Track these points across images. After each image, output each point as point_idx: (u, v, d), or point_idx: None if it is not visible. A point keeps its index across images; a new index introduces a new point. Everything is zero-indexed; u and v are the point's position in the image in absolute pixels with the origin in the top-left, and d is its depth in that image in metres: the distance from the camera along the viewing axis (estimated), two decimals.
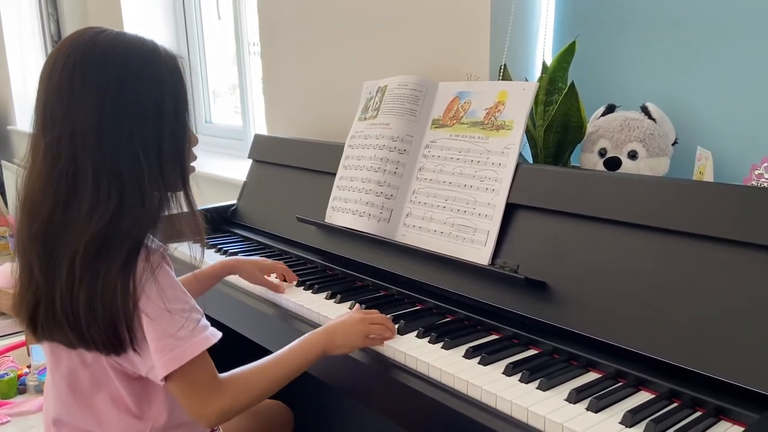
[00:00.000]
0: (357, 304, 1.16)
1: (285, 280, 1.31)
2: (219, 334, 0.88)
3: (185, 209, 0.90)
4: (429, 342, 1.01)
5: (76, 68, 0.80)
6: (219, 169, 2.30)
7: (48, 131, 0.81)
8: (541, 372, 0.89)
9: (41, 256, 0.82)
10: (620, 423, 0.77)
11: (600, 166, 1.18)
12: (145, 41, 0.85)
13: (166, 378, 0.84)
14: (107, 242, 0.81)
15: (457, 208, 1.19)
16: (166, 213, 0.88)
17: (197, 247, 0.92)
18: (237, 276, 1.37)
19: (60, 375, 0.92)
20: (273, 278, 1.30)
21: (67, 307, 0.81)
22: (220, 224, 1.78)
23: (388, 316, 1.09)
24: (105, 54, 0.82)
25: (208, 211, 1.75)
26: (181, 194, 0.89)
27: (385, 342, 1.01)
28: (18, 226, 0.85)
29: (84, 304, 0.80)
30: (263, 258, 1.34)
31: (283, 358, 0.94)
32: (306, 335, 0.98)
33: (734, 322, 0.82)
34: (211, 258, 1.50)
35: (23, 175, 0.84)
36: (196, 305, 0.88)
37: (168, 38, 3.05)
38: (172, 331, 0.83)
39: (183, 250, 0.93)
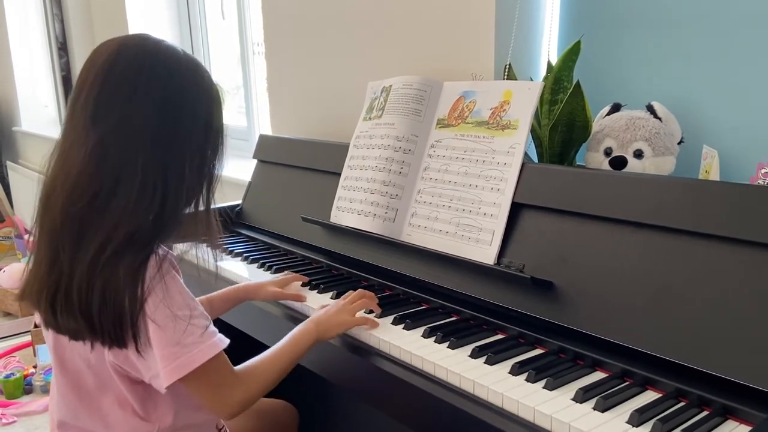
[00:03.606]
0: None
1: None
2: (226, 341, 0.89)
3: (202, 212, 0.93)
4: (435, 341, 1.01)
5: (143, 70, 0.83)
6: (224, 170, 2.30)
7: (100, 120, 0.82)
8: (547, 371, 0.89)
9: (74, 238, 0.82)
10: (627, 422, 0.77)
11: (605, 165, 1.18)
12: (199, 62, 0.91)
13: (182, 380, 0.84)
14: (139, 237, 0.82)
15: (463, 208, 1.19)
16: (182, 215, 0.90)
17: (208, 250, 0.95)
18: (241, 275, 1.37)
19: (65, 377, 0.93)
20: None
21: (83, 292, 0.82)
22: (226, 225, 1.79)
23: (394, 315, 1.09)
24: (170, 63, 0.86)
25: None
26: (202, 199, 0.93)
27: (390, 341, 1.01)
28: (48, 205, 0.84)
29: (99, 290, 0.81)
30: (273, 278, 1.31)
31: (284, 349, 0.99)
32: (297, 328, 1.02)
33: (741, 321, 0.82)
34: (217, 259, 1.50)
35: (57, 154, 0.85)
36: (204, 312, 0.89)
37: (172, 39, 3.04)
38: (178, 339, 0.84)
39: (192, 253, 0.93)
